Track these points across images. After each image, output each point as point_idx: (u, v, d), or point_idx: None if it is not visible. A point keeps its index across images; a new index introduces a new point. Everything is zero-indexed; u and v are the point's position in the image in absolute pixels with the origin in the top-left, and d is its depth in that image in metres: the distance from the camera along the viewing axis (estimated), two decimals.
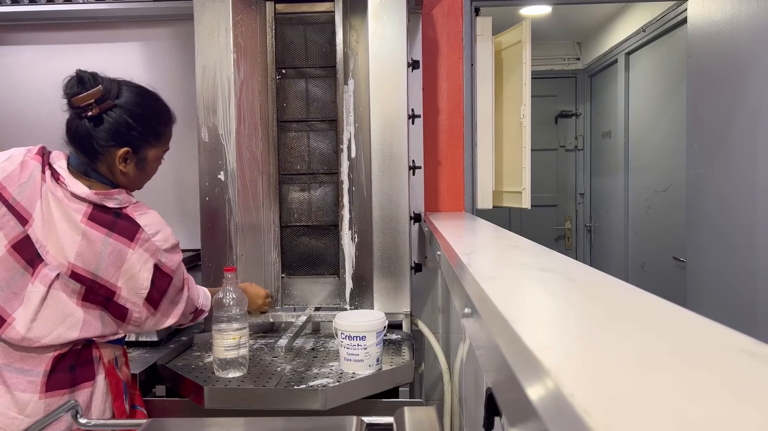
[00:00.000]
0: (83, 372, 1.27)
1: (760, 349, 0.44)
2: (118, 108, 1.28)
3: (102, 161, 1.30)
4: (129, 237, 1.24)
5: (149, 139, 1.34)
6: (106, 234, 1.23)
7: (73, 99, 1.24)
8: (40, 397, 1.22)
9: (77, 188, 1.25)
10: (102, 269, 1.23)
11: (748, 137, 1.89)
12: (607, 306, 0.63)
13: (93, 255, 1.22)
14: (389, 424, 1.17)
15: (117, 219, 1.25)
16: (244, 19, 1.76)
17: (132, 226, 1.26)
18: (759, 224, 1.84)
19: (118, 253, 1.23)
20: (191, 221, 2.15)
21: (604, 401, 0.35)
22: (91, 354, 1.28)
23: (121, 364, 1.37)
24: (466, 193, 2.25)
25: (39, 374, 1.22)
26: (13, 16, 2.16)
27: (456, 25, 2.21)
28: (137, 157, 1.33)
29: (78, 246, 1.22)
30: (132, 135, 1.30)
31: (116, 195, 1.28)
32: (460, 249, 1.09)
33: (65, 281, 1.22)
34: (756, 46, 1.84)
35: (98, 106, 1.25)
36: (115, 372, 1.33)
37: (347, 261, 1.84)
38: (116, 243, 1.23)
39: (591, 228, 4.40)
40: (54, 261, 1.22)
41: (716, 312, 2.08)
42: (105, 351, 1.31)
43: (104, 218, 1.24)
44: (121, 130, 1.28)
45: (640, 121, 3.42)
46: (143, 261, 1.26)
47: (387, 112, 1.73)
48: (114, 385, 1.31)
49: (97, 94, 1.24)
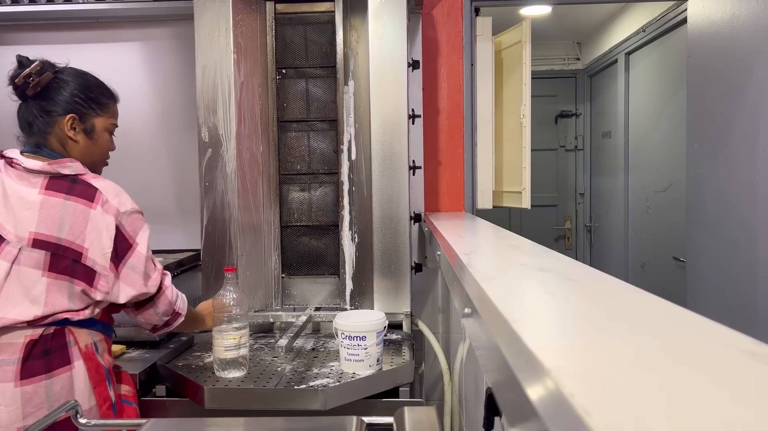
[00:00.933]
0: (58, 357, 1.26)
1: (760, 349, 0.44)
2: (58, 78, 1.37)
3: (51, 134, 1.35)
4: (88, 198, 1.29)
5: (92, 106, 1.40)
6: (65, 198, 1.28)
7: (15, 80, 1.32)
8: (16, 385, 1.22)
9: (30, 164, 1.30)
10: (66, 230, 1.26)
11: (748, 137, 1.89)
12: (607, 307, 0.63)
13: (54, 219, 1.26)
14: (389, 424, 1.16)
15: (74, 185, 1.30)
16: (244, 19, 1.76)
17: (89, 189, 1.30)
18: (759, 224, 1.84)
19: (80, 213, 1.27)
20: (191, 221, 2.15)
21: (604, 401, 0.35)
22: (64, 337, 1.28)
23: (103, 351, 1.35)
24: (466, 193, 2.25)
25: (13, 362, 1.23)
26: (13, 16, 2.16)
27: (456, 25, 2.21)
28: (84, 125, 1.39)
29: (38, 215, 1.26)
30: (75, 101, 1.37)
31: (69, 163, 1.33)
32: (460, 249, 1.09)
33: (29, 253, 1.25)
34: (756, 45, 1.84)
35: (38, 77, 1.32)
36: (94, 357, 1.31)
37: (347, 261, 1.84)
38: (76, 205, 1.27)
39: (591, 228, 4.40)
40: (14, 238, 1.25)
41: (716, 312, 2.08)
42: (80, 335, 1.30)
43: (61, 184, 1.29)
44: (64, 96, 1.36)
45: (640, 121, 3.42)
46: (106, 222, 1.29)
47: (387, 112, 1.73)
48: (94, 371, 1.30)
49: (36, 68, 1.32)
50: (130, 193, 1.38)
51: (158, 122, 2.25)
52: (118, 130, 1.49)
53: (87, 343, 1.31)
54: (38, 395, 1.23)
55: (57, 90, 1.36)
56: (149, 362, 1.59)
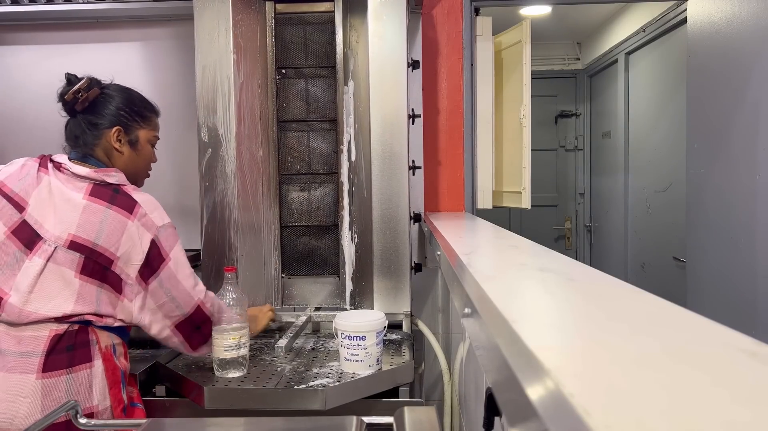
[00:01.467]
0: (80, 353, 1.29)
1: (760, 349, 0.44)
2: (104, 94, 1.45)
3: (98, 146, 1.43)
4: (128, 209, 1.35)
5: (137, 120, 1.49)
6: (107, 206, 1.33)
7: (65, 96, 1.40)
8: (37, 377, 1.24)
9: (78, 169, 1.37)
10: (102, 238, 1.31)
11: (748, 137, 1.89)
12: (607, 307, 0.63)
13: (94, 225, 1.31)
14: (389, 424, 1.16)
15: (116, 195, 1.36)
16: (244, 19, 1.76)
17: (130, 201, 1.36)
18: (759, 224, 1.84)
19: (118, 223, 1.32)
20: (191, 221, 2.15)
21: (604, 401, 0.35)
22: (87, 335, 1.31)
23: (120, 354, 1.38)
24: (466, 193, 2.25)
25: (37, 355, 1.25)
26: (12, 16, 2.15)
27: (456, 25, 2.21)
28: (129, 137, 1.47)
29: (80, 218, 1.31)
30: (121, 115, 1.45)
31: (114, 173, 1.40)
32: (460, 249, 1.09)
33: (64, 252, 1.29)
34: (756, 45, 1.84)
35: (86, 93, 1.40)
36: (112, 359, 1.34)
37: (347, 261, 1.84)
38: (116, 215, 1.33)
39: (591, 228, 4.40)
40: (52, 237, 1.30)
41: (716, 312, 2.08)
42: (101, 336, 1.33)
43: (104, 192, 1.35)
44: (111, 110, 1.45)
45: (640, 121, 3.42)
46: (140, 234, 1.34)
47: (387, 112, 1.73)
48: (111, 371, 1.33)
49: (84, 84, 1.40)
50: None
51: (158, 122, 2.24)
52: None
53: (107, 344, 1.34)
54: (58, 389, 1.25)
55: (103, 104, 1.44)
56: (149, 362, 1.59)
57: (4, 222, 1.31)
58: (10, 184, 1.35)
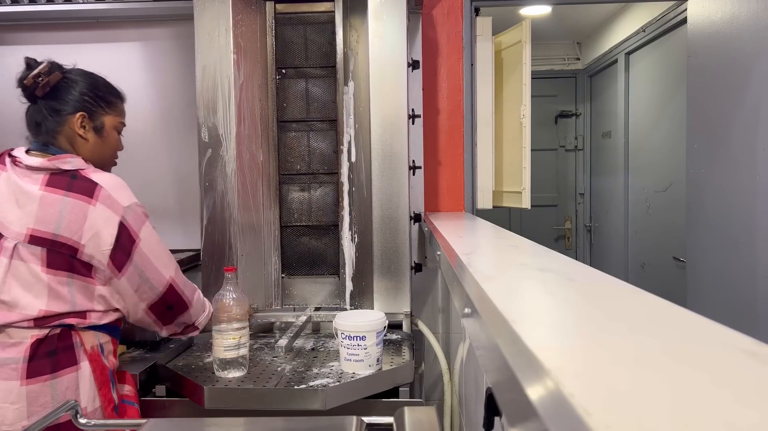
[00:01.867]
0: (64, 357, 1.27)
1: (760, 349, 0.44)
2: (66, 78, 1.39)
3: (61, 133, 1.37)
4: (88, 194, 1.29)
5: (101, 105, 1.42)
6: (64, 194, 1.28)
7: (24, 81, 1.35)
8: (22, 384, 1.23)
9: (31, 161, 1.31)
10: (63, 227, 1.26)
11: (748, 137, 1.89)
12: (607, 307, 0.63)
13: (52, 216, 1.26)
14: (389, 424, 1.16)
15: (73, 180, 1.30)
16: (244, 19, 1.76)
17: (89, 184, 1.30)
18: (759, 224, 1.84)
19: (78, 209, 1.27)
20: (191, 221, 2.15)
21: (604, 401, 0.35)
22: (70, 339, 1.29)
23: (108, 353, 1.36)
24: (466, 193, 2.25)
25: (19, 361, 1.23)
26: (13, 16, 2.15)
27: (456, 25, 2.21)
28: (94, 123, 1.41)
29: (37, 211, 1.26)
30: (84, 100, 1.39)
31: (69, 158, 1.33)
32: (460, 249, 1.09)
33: (25, 248, 1.26)
34: (756, 46, 1.84)
35: (47, 77, 1.34)
36: (99, 359, 1.32)
37: (347, 261, 1.84)
38: (75, 201, 1.27)
39: (591, 228, 4.40)
40: (12, 234, 1.26)
41: (716, 312, 2.08)
42: (86, 337, 1.31)
43: (61, 180, 1.30)
44: (74, 94, 1.38)
45: (640, 121, 3.42)
46: (105, 217, 1.29)
47: (387, 112, 1.73)
48: (99, 372, 1.31)
49: (44, 68, 1.34)
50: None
51: (158, 122, 2.25)
52: None
53: (93, 345, 1.32)
54: (44, 394, 1.24)
55: (66, 89, 1.38)
56: (149, 362, 1.59)
57: None
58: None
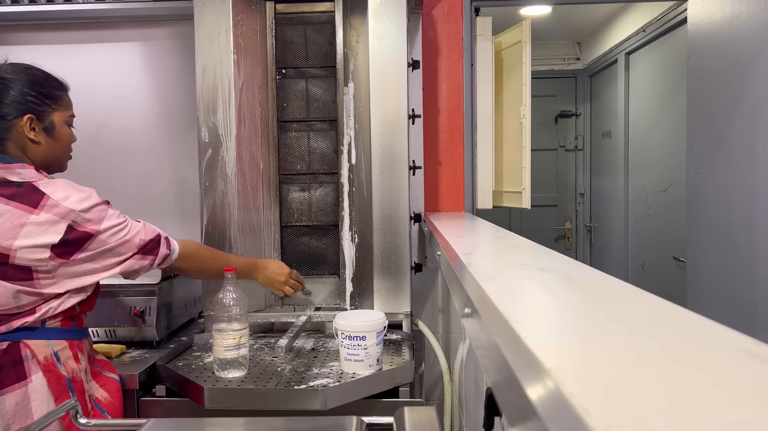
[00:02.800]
0: (12, 372, 1.22)
1: (760, 349, 0.44)
2: (3, 79, 1.28)
3: (10, 140, 1.29)
4: (32, 204, 1.22)
5: (48, 102, 1.33)
6: (5, 203, 1.22)
7: None
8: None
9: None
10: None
11: (748, 137, 1.89)
12: (607, 307, 0.63)
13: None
14: (389, 424, 1.16)
15: (18, 189, 1.24)
16: (245, 19, 1.76)
17: (35, 194, 1.23)
18: (759, 224, 1.84)
19: (16, 218, 1.21)
20: (191, 221, 2.15)
21: (604, 401, 0.35)
22: (19, 352, 1.24)
23: (66, 358, 1.30)
24: (466, 193, 2.25)
25: None
26: (13, 16, 2.16)
27: (456, 25, 2.21)
28: (43, 123, 1.32)
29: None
30: (28, 100, 1.29)
31: (19, 169, 1.26)
32: (460, 249, 1.09)
33: None
34: (756, 45, 1.84)
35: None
36: (55, 369, 1.27)
37: (347, 262, 1.84)
38: (15, 210, 1.21)
39: (591, 228, 4.40)
40: None
41: (716, 312, 2.08)
42: (37, 348, 1.25)
43: (4, 191, 1.24)
44: (16, 98, 1.28)
45: (640, 121, 3.42)
46: (50, 223, 1.22)
47: (387, 112, 1.73)
48: (54, 382, 1.26)
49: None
50: (130, 194, 1.36)
51: (158, 122, 2.25)
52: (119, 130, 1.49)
53: (46, 354, 1.26)
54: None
55: (5, 91, 1.28)
56: (149, 362, 1.59)
57: None
58: None
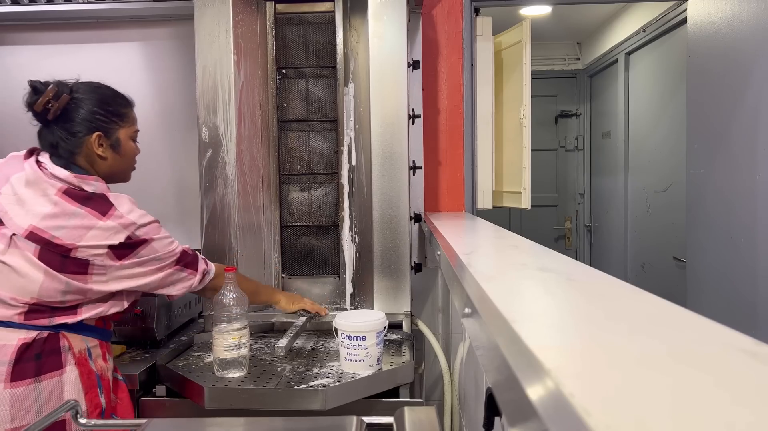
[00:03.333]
0: (50, 361, 1.27)
1: (760, 349, 0.44)
2: (75, 99, 1.37)
3: (79, 154, 1.37)
4: (101, 212, 1.30)
5: (115, 120, 1.41)
6: (78, 206, 1.29)
7: (33, 106, 1.34)
8: (6, 387, 1.23)
9: (57, 171, 1.33)
10: (63, 233, 1.27)
11: (748, 137, 1.89)
12: (607, 307, 0.63)
13: (58, 221, 1.27)
14: (389, 424, 1.16)
15: (92, 196, 1.32)
16: (245, 20, 1.76)
17: (105, 204, 1.32)
18: (759, 224, 1.84)
19: (86, 222, 1.28)
20: (191, 221, 2.15)
21: (604, 401, 0.35)
22: (58, 342, 1.29)
23: (96, 357, 1.36)
24: (466, 193, 2.25)
25: (4, 364, 1.23)
26: (12, 16, 2.16)
27: (456, 25, 2.21)
28: (110, 139, 1.40)
29: (46, 212, 1.27)
30: (97, 119, 1.38)
31: (93, 181, 1.34)
32: (460, 249, 1.09)
33: (20, 241, 1.27)
34: (756, 46, 1.84)
35: (56, 102, 1.34)
36: (86, 363, 1.32)
37: (347, 262, 1.84)
38: (86, 214, 1.29)
39: (591, 228, 4.40)
40: (12, 225, 1.28)
41: (716, 312, 2.08)
42: (74, 341, 1.31)
43: (79, 194, 1.31)
44: (86, 116, 1.37)
45: (640, 121, 3.42)
46: (113, 231, 1.30)
47: (387, 112, 1.73)
48: (86, 376, 1.31)
49: (51, 92, 1.33)
50: (130, 193, 1.39)
51: (158, 122, 2.25)
52: None
53: (81, 349, 1.32)
54: (27, 398, 1.24)
55: (76, 110, 1.37)
56: (149, 362, 1.59)
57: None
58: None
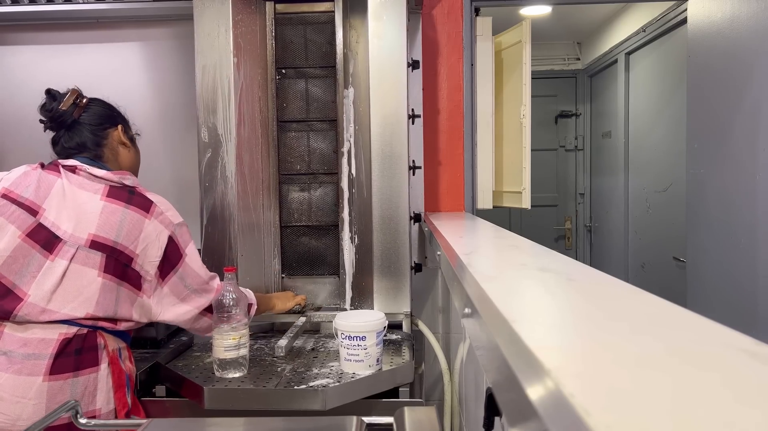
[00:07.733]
0: (88, 357, 1.31)
1: (760, 349, 0.44)
2: (92, 101, 1.51)
3: (105, 146, 1.48)
4: (144, 209, 1.39)
5: (125, 118, 1.56)
6: (124, 206, 1.38)
7: (60, 107, 1.43)
8: (44, 380, 1.25)
9: (96, 171, 1.41)
10: (122, 236, 1.35)
11: (748, 137, 1.89)
12: (606, 307, 0.63)
13: (113, 225, 1.35)
14: (389, 424, 1.16)
15: (132, 196, 1.41)
16: (244, 20, 1.76)
17: (146, 201, 1.41)
18: (759, 224, 1.84)
19: (136, 222, 1.37)
20: (191, 221, 2.14)
21: (604, 401, 0.35)
22: (95, 340, 1.33)
23: (125, 358, 1.41)
24: (466, 193, 2.25)
25: (45, 357, 1.26)
26: (13, 16, 2.16)
27: (456, 25, 2.21)
28: (128, 134, 1.54)
29: (99, 219, 1.34)
30: (115, 115, 1.53)
31: (129, 176, 1.45)
32: (460, 249, 1.09)
33: (86, 253, 1.32)
34: (756, 45, 1.84)
35: (82, 99, 1.47)
36: (118, 362, 1.36)
37: (347, 262, 1.84)
38: (133, 214, 1.37)
39: (591, 228, 4.40)
40: (72, 239, 1.32)
41: (716, 312, 2.08)
42: (109, 340, 1.36)
43: (121, 194, 1.40)
44: (107, 112, 1.51)
45: (640, 121, 3.42)
46: (158, 232, 1.39)
47: (387, 112, 1.73)
48: (117, 375, 1.35)
49: (75, 92, 1.46)
50: None
51: (158, 122, 2.25)
52: None
53: (114, 348, 1.37)
54: (63, 392, 1.26)
55: (99, 108, 1.50)
56: (149, 362, 1.59)
57: (18, 227, 1.33)
58: (17, 190, 1.37)
